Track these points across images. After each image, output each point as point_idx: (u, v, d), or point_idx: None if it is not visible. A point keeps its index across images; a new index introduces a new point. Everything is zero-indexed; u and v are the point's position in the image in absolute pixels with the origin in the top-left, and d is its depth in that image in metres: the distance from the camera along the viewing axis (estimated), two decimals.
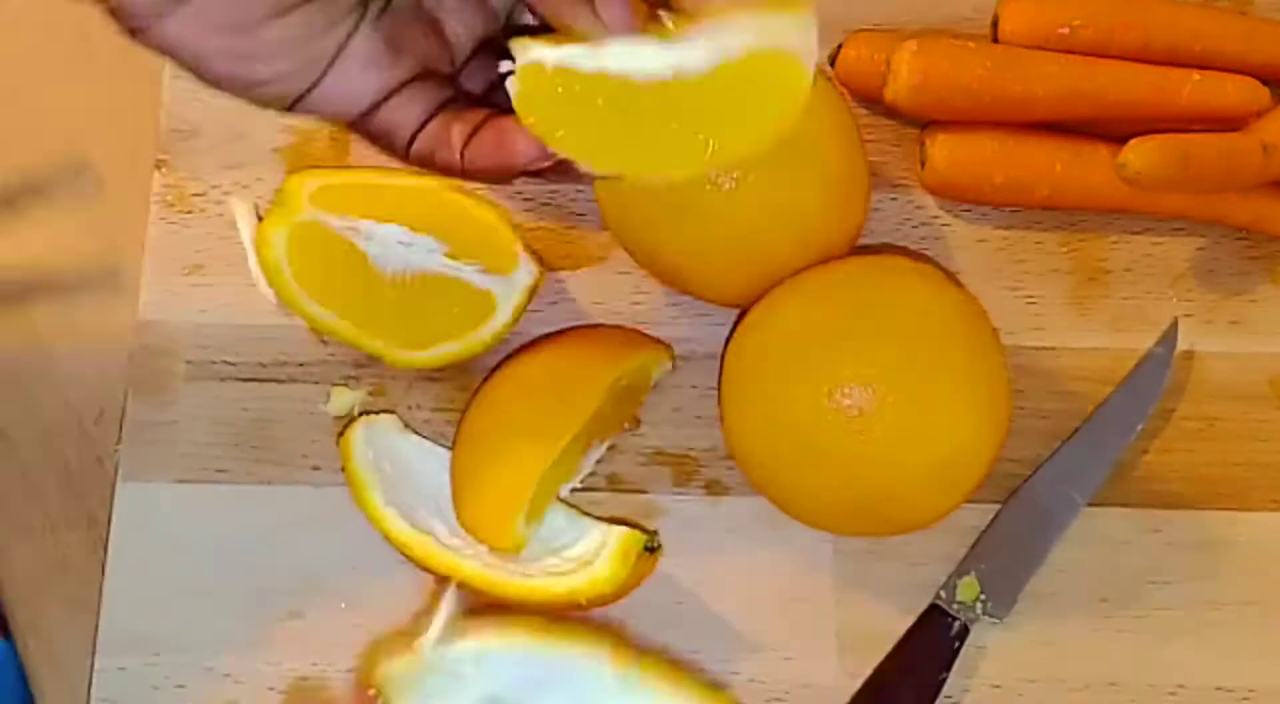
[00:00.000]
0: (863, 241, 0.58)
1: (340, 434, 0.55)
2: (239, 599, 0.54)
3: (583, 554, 0.52)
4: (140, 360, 0.57)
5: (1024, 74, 0.56)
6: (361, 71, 0.40)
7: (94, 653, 0.53)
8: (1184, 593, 0.55)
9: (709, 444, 0.56)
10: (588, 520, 0.54)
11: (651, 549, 0.52)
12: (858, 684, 0.54)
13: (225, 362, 0.57)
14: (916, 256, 0.58)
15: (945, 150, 0.58)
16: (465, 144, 0.41)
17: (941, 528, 0.54)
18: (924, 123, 0.59)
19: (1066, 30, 0.57)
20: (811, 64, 0.41)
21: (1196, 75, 0.57)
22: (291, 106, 0.41)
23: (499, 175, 0.42)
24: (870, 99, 0.60)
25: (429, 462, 0.55)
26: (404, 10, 0.41)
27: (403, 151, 0.42)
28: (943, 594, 0.54)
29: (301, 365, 0.57)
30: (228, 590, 0.54)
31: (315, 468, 0.56)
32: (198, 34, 0.37)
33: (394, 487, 0.54)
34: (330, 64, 0.40)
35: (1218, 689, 0.54)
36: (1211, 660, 0.54)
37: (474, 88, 0.44)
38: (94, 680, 0.53)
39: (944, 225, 0.60)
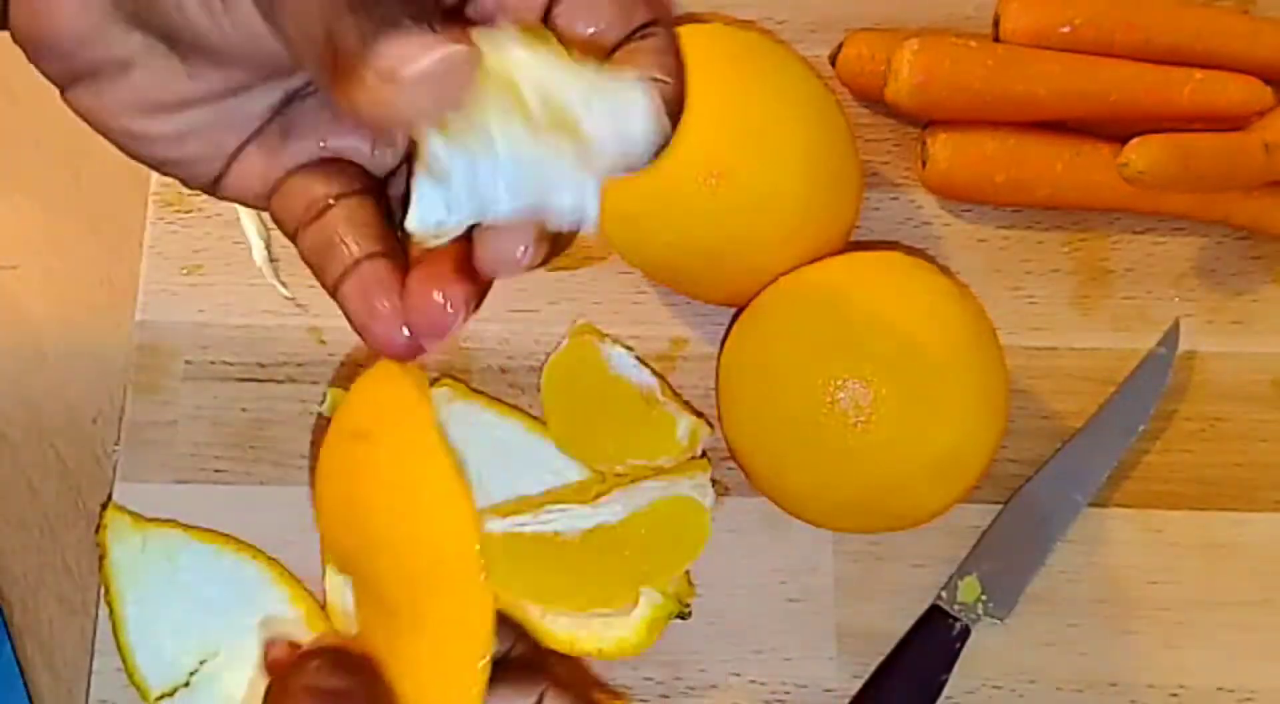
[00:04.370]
0: (863, 241, 0.58)
1: None
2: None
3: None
4: (140, 360, 0.57)
5: (1025, 73, 0.56)
6: (262, 159, 0.36)
7: (92, 653, 0.53)
8: (1186, 594, 0.55)
9: (709, 444, 0.56)
10: None
11: (684, 617, 0.52)
12: (858, 684, 0.54)
13: (224, 362, 0.57)
14: (912, 253, 0.58)
15: (946, 150, 0.57)
16: (345, 273, 0.35)
17: (942, 528, 0.53)
18: (925, 122, 0.59)
19: (1068, 29, 0.57)
20: (709, 506, 0.53)
21: (1198, 74, 0.57)
22: (209, 190, 0.37)
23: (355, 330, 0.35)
24: (870, 99, 0.60)
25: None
26: (311, 97, 0.37)
27: (292, 239, 0.36)
28: (944, 595, 0.54)
29: (301, 365, 0.57)
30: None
31: (314, 468, 0.55)
32: (99, 110, 0.35)
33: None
34: (234, 156, 0.36)
35: (1219, 690, 0.54)
36: (1213, 661, 0.54)
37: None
38: (92, 681, 0.53)
39: (944, 225, 0.60)
